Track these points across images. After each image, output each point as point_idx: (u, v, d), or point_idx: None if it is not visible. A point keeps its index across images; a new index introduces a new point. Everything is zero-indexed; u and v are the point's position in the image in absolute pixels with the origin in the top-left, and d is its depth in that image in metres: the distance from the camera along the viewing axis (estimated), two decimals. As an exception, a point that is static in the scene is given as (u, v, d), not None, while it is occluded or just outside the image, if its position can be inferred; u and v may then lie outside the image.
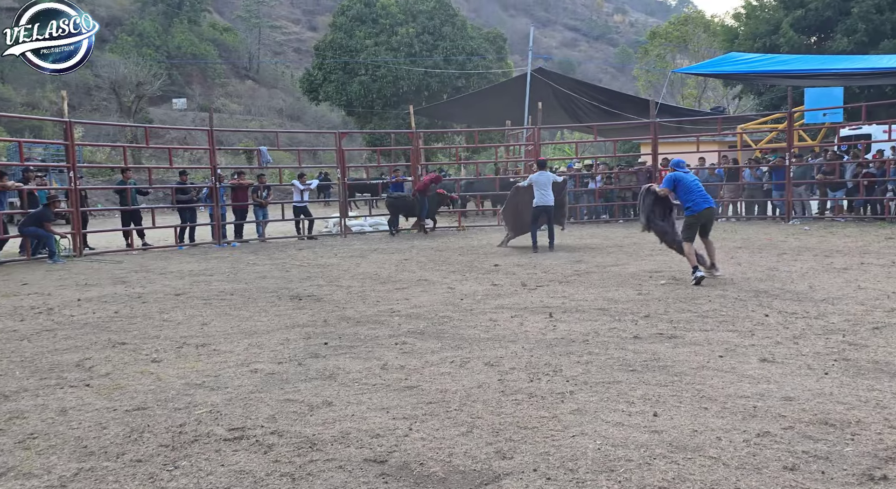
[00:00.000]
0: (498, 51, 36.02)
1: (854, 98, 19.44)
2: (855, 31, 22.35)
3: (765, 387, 3.87)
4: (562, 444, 3.15)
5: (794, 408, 3.51)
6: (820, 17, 23.41)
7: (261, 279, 8.91)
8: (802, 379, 4.01)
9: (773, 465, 2.86)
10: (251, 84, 53.97)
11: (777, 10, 24.76)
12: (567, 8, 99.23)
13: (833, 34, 23.28)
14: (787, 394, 3.73)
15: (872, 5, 22.25)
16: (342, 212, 15.77)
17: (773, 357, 4.47)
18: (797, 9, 23.74)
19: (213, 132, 14.08)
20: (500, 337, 5.30)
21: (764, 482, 2.72)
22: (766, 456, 2.96)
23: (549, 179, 11.21)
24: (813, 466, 2.85)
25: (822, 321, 5.46)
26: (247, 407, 3.83)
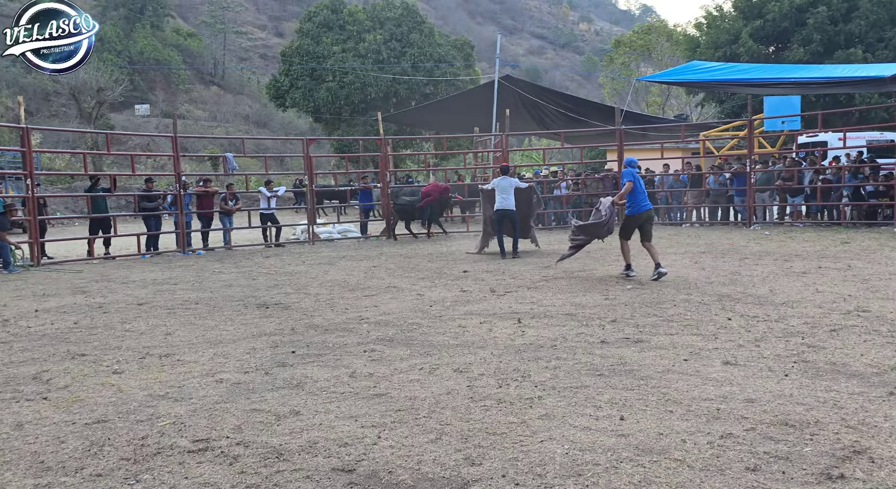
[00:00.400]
0: (465, 58, 36.21)
1: (810, 106, 20.02)
2: (811, 42, 23.05)
3: (728, 389, 3.95)
4: (530, 450, 3.17)
5: (756, 410, 3.58)
6: (777, 28, 24.08)
7: (227, 287, 8.78)
8: (764, 381, 4.10)
9: (735, 466, 2.92)
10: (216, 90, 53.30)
11: (737, 20, 25.40)
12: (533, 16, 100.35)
13: (790, 44, 23.96)
14: (749, 396, 3.81)
15: (826, 17, 22.98)
16: (310, 219, 15.64)
17: (736, 360, 4.56)
18: (756, 19, 24.38)
19: (177, 138, 13.86)
20: (469, 343, 5.31)
21: (727, 483, 2.77)
22: (730, 457, 3.01)
23: (510, 184, 11.24)
24: (774, 467, 2.91)
25: (782, 324, 5.60)
26: (212, 417, 3.76)
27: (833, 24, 23.15)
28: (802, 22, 23.45)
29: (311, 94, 34.39)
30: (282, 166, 30.64)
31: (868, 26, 22.89)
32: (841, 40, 23.15)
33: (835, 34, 23.12)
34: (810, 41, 23.05)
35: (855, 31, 23.00)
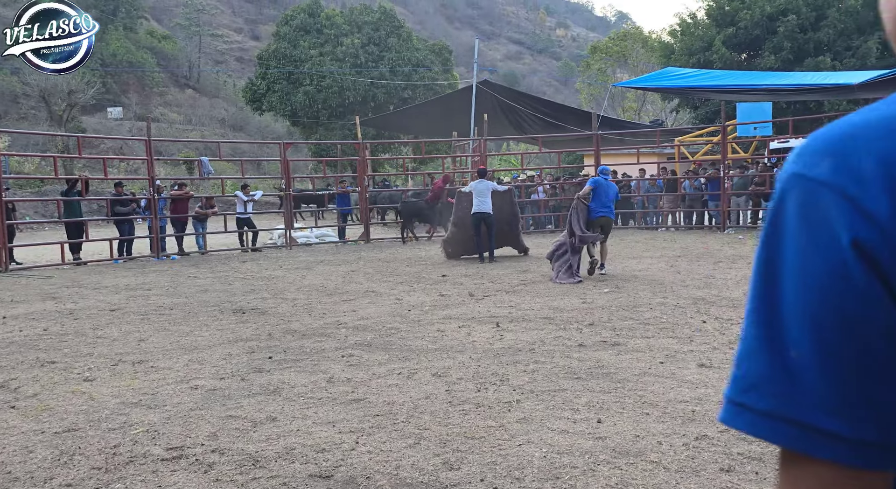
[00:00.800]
0: (443, 63, 36.27)
1: (781, 112, 20.39)
2: (781, 50, 23.49)
3: (703, 391, 3.99)
4: (508, 453, 3.17)
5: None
6: (749, 36, 24.51)
7: (202, 293, 8.67)
8: (738, 382, 4.15)
9: (710, 468, 2.95)
10: (191, 93, 52.72)
11: (710, 27, 25.80)
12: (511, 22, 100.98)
13: (762, 52, 24.40)
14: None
15: (796, 25, 23.45)
16: (287, 223, 15.53)
17: (711, 362, 4.62)
18: (728, 27, 24.79)
19: (150, 142, 13.68)
20: (448, 347, 5.31)
21: (702, 484, 2.80)
22: (704, 458, 3.05)
23: (487, 187, 11.15)
24: (748, 467, 2.95)
25: (755, 326, 5.68)
26: (186, 425, 3.71)
27: (803, 32, 23.64)
28: (773, 30, 23.90)
29: (288, 97, 34.17)
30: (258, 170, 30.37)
31: (836, 35, 23.41)
32: (810, 48, 23.64)
33: (804, 42, 23.60)
34: (781, 49, 23.50)
35: (824, 40, 23.51)
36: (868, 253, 0.50)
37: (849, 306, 0.51)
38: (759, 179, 15.40)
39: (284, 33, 35.21)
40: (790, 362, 0.52)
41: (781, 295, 0.54)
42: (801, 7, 23.59)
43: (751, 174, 15.79)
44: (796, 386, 0.52)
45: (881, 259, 0.50)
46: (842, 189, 0.51)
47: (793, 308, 0.53)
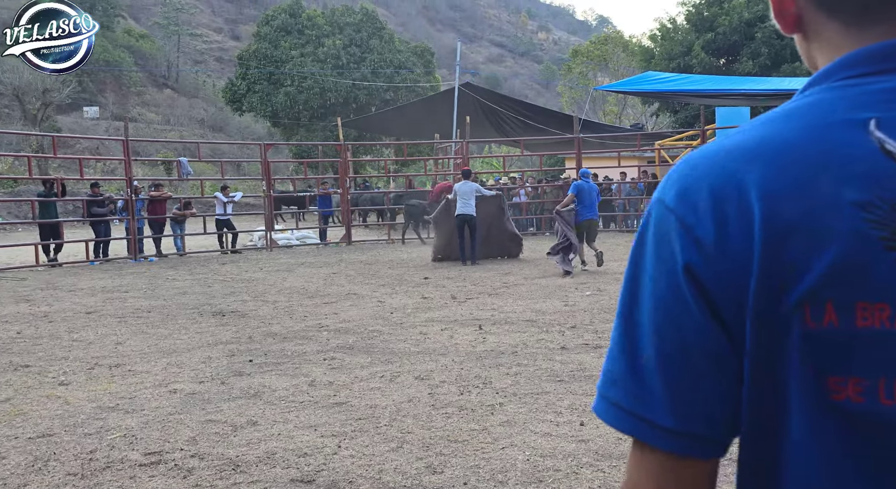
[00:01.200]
0: (426, 65, 36.28)
1: (760, 117, 20.66)
2: (759, 55, 23.83)
3: (684, 393, 4.02)
4: (492, 457, 3.16)
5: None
6: (728, 41, 24.84)
7: (181, 295, 8.56)
8: (719, 384, 4.18)
9: (693, 470, 2.96)
10: (170, 93, 52.14)
11: (689, 32, 26.10)
12: (493, 24, 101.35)
13: (740, 57, 24.74)
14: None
15: (773, 31, 23.79)
16: (268, 225, 15.40)
17: (692, 364, 4.65)
18: (707, 32, 25.10)
19: (128, 142, 13.49)
20: (431, 350, 5.29)
21: (685, 486, 2.81)
22: (687, 461, 3.06)
23: (472, 189, 11.02)
24: (729, 470, 2.95)
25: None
26: (165, 429, 3.65)
27: (779, 38, 23.98)
28: (751, 36, 24.24)
29: (268, 98, 33.95)
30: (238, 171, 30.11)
31: (813, 41, 23.82)
32: (787, 54, 24.00)
33: (781, 48, 23.96)
34: (759, 54, 23.84)
35: (800, 46, 23.91)
36: (696, 277, 0.57)
37: (682, 323, 0.58)
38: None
39: (265, 33, 34.99)
40: (639, 365, 0.60)
41: (640, 306, 0.61)
42: (779, 14, 23.97)
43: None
44: (642, 386, 0.59)
45: (706, 282, 0.56)
46: (681, 217, 0.58)
47: (645, 318, 0.60)
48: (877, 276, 0.52)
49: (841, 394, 0.54)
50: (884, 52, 0.57)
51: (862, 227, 0.53)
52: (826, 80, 0.60)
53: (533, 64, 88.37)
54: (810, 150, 0.55)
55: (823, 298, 0.54)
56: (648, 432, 0.59)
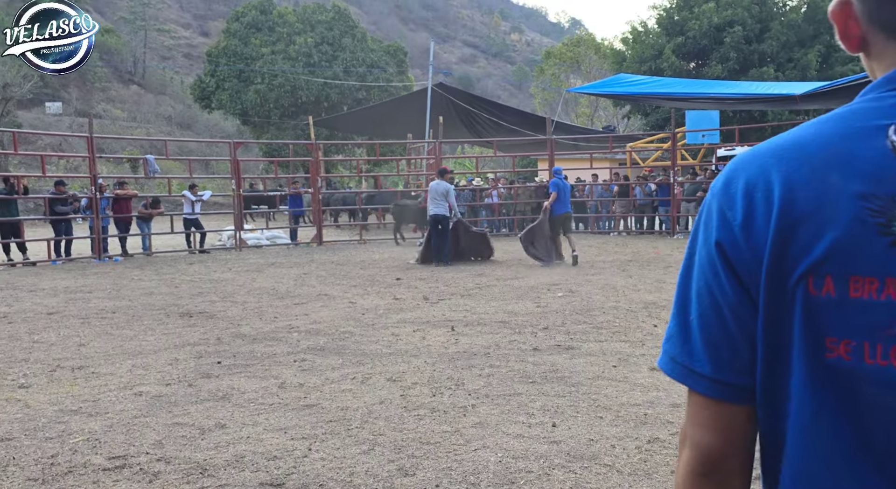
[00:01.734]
0: (398, 64, 36.15)
1: (728, 121, 21.04)
2: (728, 60, 24.26)
3: (654, 394, 4.06)
4: (464, 459, 3.15)
5: (681, 414, 3.68)
6: (697, 45, 25.24)
7: (147, 295, 8.39)
8: (688, 385, 4.23)
9: (662, 470, 2.99)
10: (136, 89, 51.12)
11: (660, 36, 26.45)
12: (466, 25, 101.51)
13: (709, 61, 25.15)
14: (674, 400, 3.93)
15: (742, 36, 24.26)
16: (237, 224, 15.19)
17: (662, 364, 4.70)
18: (678, 36, 25.48)
19: (92, 139, 13.18)
20: (403, 351, 5.26)
21: (654, 487, 2.83)
22: (656, 461, 3.08)
23: (444, 190, 10.91)
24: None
25: (704, 329, 5.81)
26: (129, 433, 3.56)
27: (748, 43, 24.47)
28: (720, 40, 24.66)
29: (238, 95, 33.50)
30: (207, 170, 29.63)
31: (779, 47, 24.32)
32: (755, 59, 24.49)
33: (749, 53, 24.43)
34: (727, 59, 24.27)
35: (767, 51, 24.39)
36: (724, 252, 0.71)
37: (716, 289, 0.71)
38: (707, 186, 15.85)
39: (235, 30, 34.53)
40: (687, 324, 0.74)
41: (692, 275, 0.75)
42: (747, 19, 24.43)
43: (699, 181, 16.23)
44: (688, 341, 0.74)
45: (731, 256, 0.70)
46: (720, 202, 0.72)
47: (693, 285, 0.74)
48: (870, 256, 0.64)
49: (833, 353, 0.66)
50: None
51: (861, 215, 0.64)
52: (874, 91, 0.71)
53: (506, 65, 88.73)
54: (831, 150, 0.67)
55: (824, 272, 0.65)
56: (691, 379, 0.73)
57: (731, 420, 0.73)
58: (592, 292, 7.89)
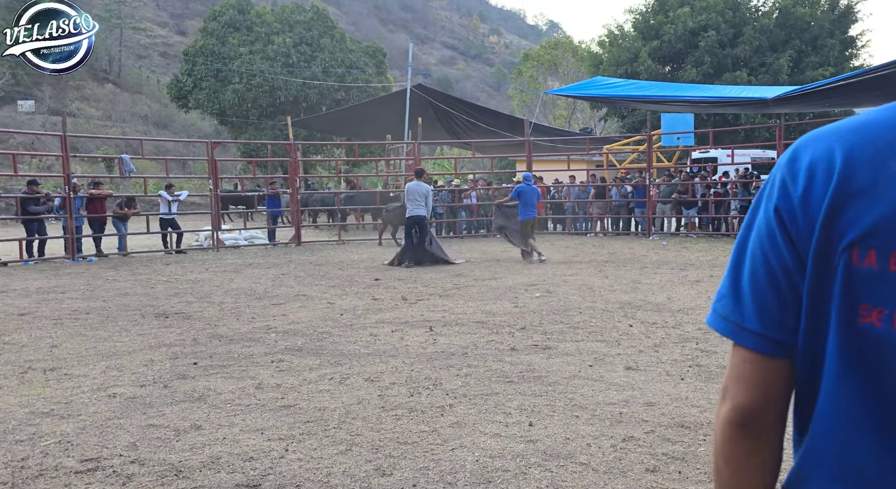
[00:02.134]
0: (377, 65, 36.06)
1: (702, 124, 21.34)
2: (702, 63, 24.61)
3: (629, 393, 4.11)
4: (441, 458, 3.16)
5: (655, 413, 3.75)
6: (673, 49, 25.56)
7: (122, 296, 8.28)
8: (662, 385, 4.29)
9: (636, 468, 3.03)
10: (111, 88, 50.35)
11: (636, 40, 26.74)
12: (445, 26, 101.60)
13: (684, 65, 25.49)
14: (649, 399, 3.98)
15: (716, 41, 24.63)
16: (214, 224, 15.05)
17: (637, 365, 4.76)
18: (653, 40, 25.78)
19: (66, 137, 12.97)
20: (381, 352, 5.26)
21: (629, 485, 2.87)
22: (631, 459, 3.13)
23: (424, 191, 10.88)
24: (671, 467, 3.05)
25: (678, 330, 5.90)
26: (103, 435, 3.52)
27: (721, 47, 24.84)
28: (695, 44, 25.00)
29: (216, 95, 33.17)
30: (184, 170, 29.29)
31: (752, 51, 24.73)
32: (728, 63, 24.87)
33: (723, 57, 24.80)
34: (702, 63, 24.61)
35: (741, 56, 24.79)
36: (782, 218, 0.77)
37: (771, 250, 0.77)
38: (682, 187, 16.05)
39: (212, 29, 34.20)
40: (740, 283, 0.80)
41: (748, 239, 0.81)
42: (721, 24, 24.80)
43: (674, 182, 16.44)
44: (739, 299, 0.80)
45: (787, 223, 0.76)
46: (784, 174, 0.78)
47: (749, 246, 0.80)
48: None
49: (866, 319, 0.72)
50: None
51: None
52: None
53: (484, 67, 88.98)
54: (890, 129, 0.73)
55: (869, 245, 0.71)
56: (740, 334, 0.79)
57: (772, 375, 0.79)
58: (569, 292, 7.96)
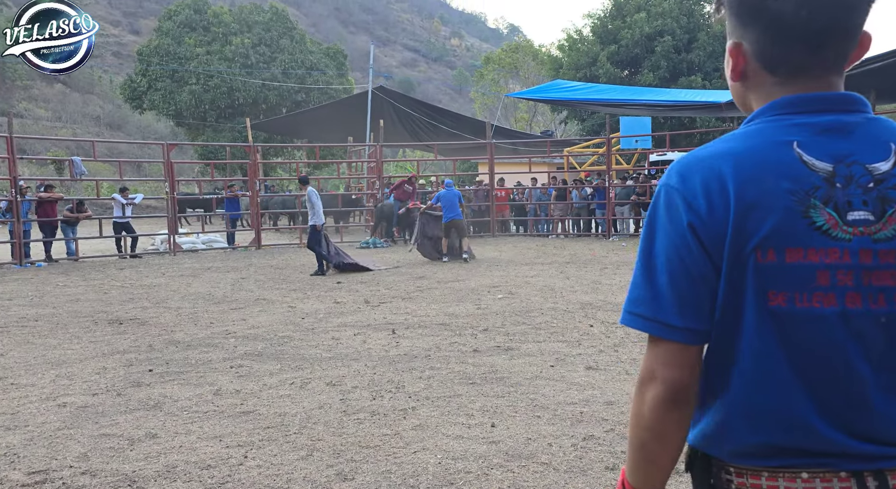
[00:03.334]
0: (338, 67, 35.80)
1: (660, 127, 21.77)
2: (659, 68, 25.12)
3: (590, 393, 4.15)
4: (403, 461, 3.14)
5: (615, 411, 3.79)
6: (630, 54, 26.03)
7: (73, 302, 8.03)
8: (622, 383, 4.35)
9: (596, 467, 3.06)
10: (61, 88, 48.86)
11: (594, 44, 27.14)
12: (406, 29, 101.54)
13: (641, 69, 25.97)
14: (609, 398, 4.03)
15: (671, 46, 25.17)
16: (171, 228, 14.71)
17: (597, 364, 4.82)
18: (611, 44, 26.21)
19: (12, 139, 12.53)
20: (343, 355, 5.21)
21: (589, 483, 2.90)
22: (591, 458, 3.16)
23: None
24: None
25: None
26: (52, 446, 3.40)
27: (677, 52, 25.40)
28: (651, 49, 25.51)
29: (172, 96, 32.48)
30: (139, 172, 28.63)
31: (706, 57, 25.35)
32: (684, 68, 25.43)
33: (679, 62, 25.36)
34: (658, 67, 25.12)
35: (695, 61, 25.38)
36: (695, 231, 0.91)
37: (687, 258, 0.92)
38: (641, 189, 16.33)
39: (167, 29, 33.51)
40: (657, 287, 0.94)
41: (654, 250, 0.95)
42: (676, 29, 25.36)
43: (629, 185, 16.71)
44: (658, 300, 0.94)
45: (701, 234, 0.91)
46: (684, 194, 0.93)
47: (660, 257, 0.94)
48: (797, 233, 0.89)
49: (774, 302, 0.90)
50: (799, 99, 0.94)
51: (790, 205, 0.90)
52: (762, 116, 0.96)
53: (446, 69, 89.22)
54: (760, 157, 0.92)
55: (769, 246, 0.89)
56: (662, 330, 0.93)
57: (695, 356, 0.95)
58: (531, 294, 8.02)
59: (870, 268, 0.89)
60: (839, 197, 0.90)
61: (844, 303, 0.89)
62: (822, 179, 0.90)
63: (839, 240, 0.89)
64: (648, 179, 16.92)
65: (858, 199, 0.90)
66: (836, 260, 0.89)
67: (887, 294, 0.89)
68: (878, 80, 10.72)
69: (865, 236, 0.89)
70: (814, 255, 0.89)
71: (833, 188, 0.90)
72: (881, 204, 0.90)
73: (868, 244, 0.89)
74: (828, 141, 0.92)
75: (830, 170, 0.90)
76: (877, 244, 0.89)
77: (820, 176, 0.90)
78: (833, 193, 0.90)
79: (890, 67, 10.42)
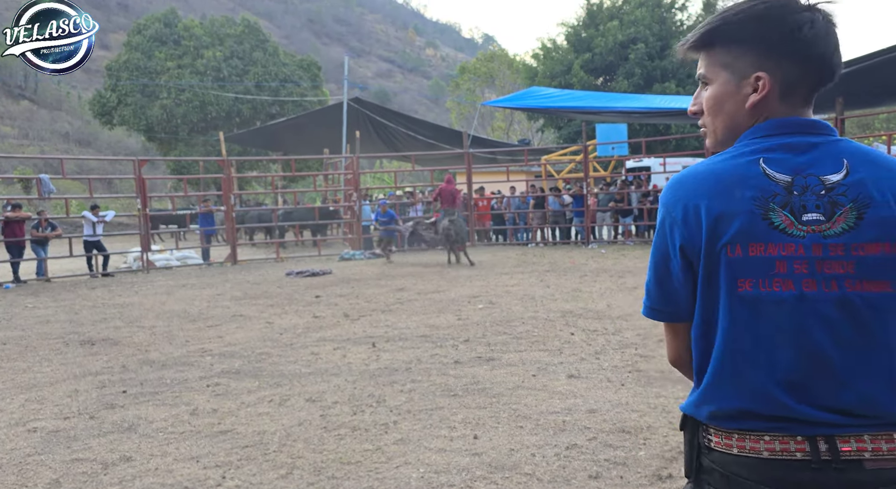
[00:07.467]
0: (312, 78, 35.67)
1: (635, 134, 22.00)
2: (633, 75, 25.43)
3: (572, 401, 4.13)
4: (385, 476, 3.09)
5: (597, 420, 3.78)
6: (604, 61, 26.32)
7: (42, 324, 7.84)
8: (603, 391, 4.34)
9: (580, 475, 3.04)
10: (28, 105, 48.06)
11: (569, 52, 27.41)
12: (380, 40, 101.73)
13: (616, 76, 26.28)
14: (591, 406, 4.02)
15: (645, 53, 25.51)
16: (144, 245, 14.48)
17: (579, 373, 4.81)
18: (585, 52, 26.49)
19: (-19, 157, 12.26)
20: (323, 371, 5.14)
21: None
22: (575, 467, 3.14)
23: None
24: (613, 472, 3.07)
25: (618, 336, 6.00)
26: (22, 473, 3.29)
27: (650, 59, 25.74)
28: (625, 57, 25.82)
29: (142, 111, 32.09)
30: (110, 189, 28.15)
31: (679, 63, 25.71)
32: (658, 75, 25.78)
33: (652, 69, 25.70)
34: (632, 74, 25.42)
35: (668, 67, 25.74)
36: (684, 251, 1.13)
37: (670, 263, 1.16)
38: (619, 196, 16.46)
39: (137, 43, 33.15)
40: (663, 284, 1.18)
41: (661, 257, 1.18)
42: (649, 37, 25.71)
43: (611, 192, 16.83)
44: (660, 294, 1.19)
45: (685, 247, 1.13)
46: (674, 217, 1.15)
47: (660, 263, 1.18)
48: (758, 231, 1.08)
49: (742, 288, 1.09)
50: (780, 123, 1.15)
51: (752, 209, 1.09)
52: (751, 136, 1.16)
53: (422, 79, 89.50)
54: (733, 172, 1.12)
55: (735, 243, 1.09)
56: (658, 314, 1.21)
57: (682, 333, 1.20)
58: (512, 303, 8.00)
59: (821, 258, 1.07)
60: (795, 202, 1.09)
61: (801, 288, 1.07)
62: (782, 188, 1.09)
63: (794, 236, 1.08)
64: (627, 186, 17.06)
65: (812, 204, 1.08)
66: (791, 252, 1.08)
67: (839, 280, 1.07)
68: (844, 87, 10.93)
69: (817, 233, 1.08)
70: (773, 249, 1.08)
71: (791, 195, 1.09)
72: (831, 207, 1.08)
73: (819, 239, 1.07)
74: (790, 157, 1.12)
75: (789, 180, 1.10)
76: (826, 239, 1.07)
77: (780, 185, 1.09)
78: (790, 199, 1.09)
79: (855, 74, 10.64)
